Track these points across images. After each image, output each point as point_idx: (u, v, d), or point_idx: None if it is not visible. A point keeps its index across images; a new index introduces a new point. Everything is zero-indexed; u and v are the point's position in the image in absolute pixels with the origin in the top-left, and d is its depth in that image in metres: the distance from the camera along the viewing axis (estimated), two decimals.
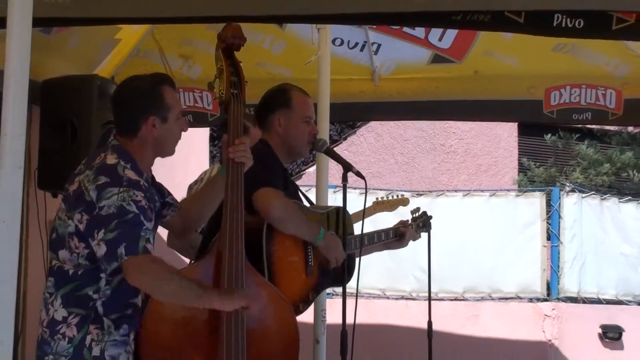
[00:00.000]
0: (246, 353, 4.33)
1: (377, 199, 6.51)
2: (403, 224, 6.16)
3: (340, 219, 5.51)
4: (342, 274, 5.43)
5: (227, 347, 4.28)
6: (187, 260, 5.29)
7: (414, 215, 6.28)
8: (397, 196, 6.43)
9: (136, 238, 3.97)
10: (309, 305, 5.25)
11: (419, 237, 6.31)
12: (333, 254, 5.24)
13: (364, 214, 5.40)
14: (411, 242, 6.22)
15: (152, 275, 4.03)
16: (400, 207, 6.72)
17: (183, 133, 4.50)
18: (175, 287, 4.04)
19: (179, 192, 4.70)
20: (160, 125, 4.28)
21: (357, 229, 5.67)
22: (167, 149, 4.41)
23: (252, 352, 4.39)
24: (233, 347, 4.28)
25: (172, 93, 4.42)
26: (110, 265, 3.96)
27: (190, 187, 5.95)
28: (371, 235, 5.90)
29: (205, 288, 4.15)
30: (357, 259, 5.64)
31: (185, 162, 4.90)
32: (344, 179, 5.19)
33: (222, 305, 4.15)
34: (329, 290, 6.38)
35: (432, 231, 6.33)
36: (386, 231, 6.08)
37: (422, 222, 6.29)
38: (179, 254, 6.02)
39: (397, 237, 6.10)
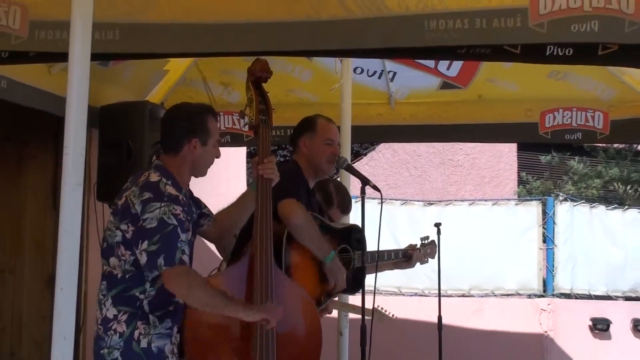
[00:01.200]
0: (275, 342, 4.36)
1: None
2: (412, 247, 6.17)
3: (355, 234, 5.54)
4: (352, 285, 5.46)
5: (259, 335, 4.32)
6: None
7: (423, 242, 6.27)
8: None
9: (174, 251, 4.01)
10: (320, 306, 5.24)
11: (426, 261, 6.31)
12: (334, 278, 5.22)
13: (380, 223, 5.38)
14: None
15: (185, 286, 4.06)
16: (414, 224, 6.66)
17: (225, 150, 4.54)
18: (205, 298, 4.09)
19: (222, 201, 4.71)
20: (200, 148, 4.31)
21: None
22: (201, 170, 4.42)
23: (280, 340, 4.42)
24: (264, 337, 4.32)
25: (214, 122, 4.43)
26: (152, 273, 4.01)
27: None
28: (382, 253, 5.91)
29: (231, 299, 4.17)
30: (371, 274, 5.64)
31: (227, 176, 4.92)
32: (362, 191, 5.20)
33: (245, 316, 4.19)
34: None
35: (441, 236, 6.33)
36: (396, 252, 6.10)
37: (429, 249, 6.29)
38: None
39: (405, 258, 6.12)
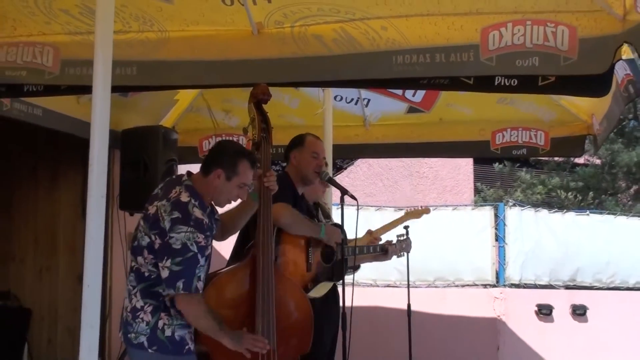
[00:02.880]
0: (276, 328, 4.39)
1: (407, 209, 6.48)
2: (388, 243, 6.16)
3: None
4: (334, 275, 5.46)
5: (261, 326, 4.35)
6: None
7: (399, 239, 6.26)
8: (414, 208, 6.42)
9: (192, 277, 3.96)
10: (307, 292, 5.23)
11: (402, 255, 6.30)
12: (334, 240, 5.29)
13: (356, 226, 5.38)
14: None
15: (193, 313, 4.04)
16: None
17: None
18: (205, 325, 4.09)
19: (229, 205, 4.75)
20: (222, 180, 4.18)
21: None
22: (218, 201, 4.28)
23: (280, 326, 4.44)
24: (265, 322, 4.36)
25: (247, 167, 4.24)
26: (168, 290, 3.97)
27: None
28: (362, 247, 5.91)
29: (223, 330, 4.13)
30: (352, 265, 5.64)
31: None
32: (342, 200, 5.21)
33: (229, 345, 4.14)
34: None
35: (410, 235, 6.33)
36: (374, 246, 6.09)
37: (405, 244, 6.28)
38: None
39: (383, 251, 6.11)
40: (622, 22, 3.81)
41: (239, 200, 4.38)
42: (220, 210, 4.49)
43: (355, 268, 5.61)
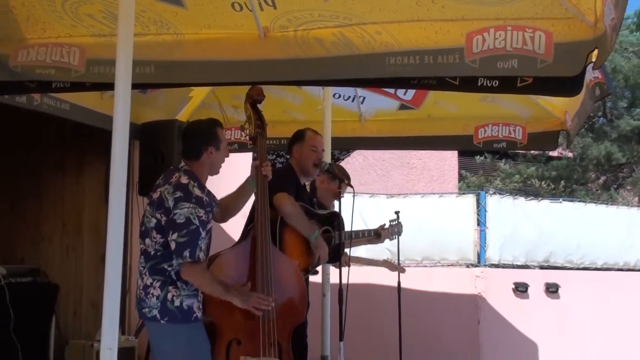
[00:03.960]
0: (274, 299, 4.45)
1: (386, 258, 6.50)
2: (381, 227, 6.17)
3: (335, 219, 5.55)
4: (333, 257, 5.48)
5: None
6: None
7: (392, 223, 6.27)
8: (394, 261, 6.51)
9: (195, 247, 4.06)
10: (307, 275, 5.26)
11: (394, 238, 6.32)
12: (318, 252, 5.27)
13: (352, 211, 5.38)
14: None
15: (199, 280, 4.13)
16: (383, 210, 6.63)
17: (233, 155, 4.58)
18: (211, 289, 4.16)
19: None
20: (215, 153, 4.34)
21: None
22: (216, 170, 4.44)
23: (278, 299, 4.51)
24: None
25: (222, 131, 4.46)
26: (177, 260, 4.05)
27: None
28: (357, 232, 5.93)
29: (229, 289, 4.20)
30: (347, 249, 5.65)
31: (237, 174, 4.95)
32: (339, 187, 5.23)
33: (239, 304, 4.22)
34: None
35: (401, 219, 6.33)
36: (368, 230, 6.12)
37: (396, 228, 6.29)
38: None
39: (376, 235, 6.12)
40: (593, 29, 3.80)
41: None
42: (222, 194, 4.55)
43: (314, 273, 5.57)
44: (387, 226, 6.22)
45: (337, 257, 5.43)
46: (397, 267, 6.31)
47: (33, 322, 6.61)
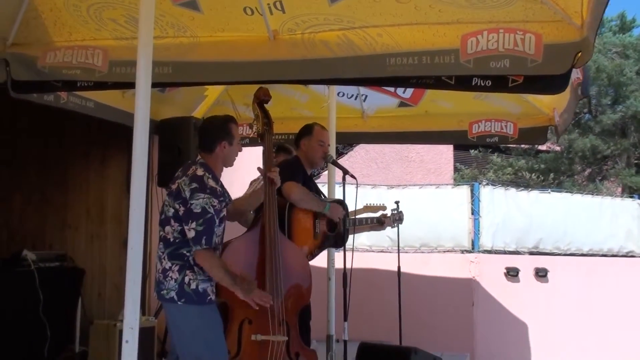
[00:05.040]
0: (283, 284, 4.49)
1: (367, 203, 6.45)
2: (384, 215, 6.16)
3: (340, 205, 5.55)
4: (337, 242, 5.48)
5: (269, 282, 4.43)
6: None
7: (393, 212, 6.27)
8: (380, 203, 6.39)
9: (211, 235, 4.09)
10: (313, 257, 5.28)
11: (395, 226, 6.31)
12: (336, 215, 5.30)
13: (356, 202, 5.39)
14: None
15: (209, 265, 4.11)
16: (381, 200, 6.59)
17: (245, 149, 4.59)
18: (219, 275, 4.14)
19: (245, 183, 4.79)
20: (228, 147, 4.34)
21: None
22: (230, 163, 4.44)
23: (286, 282, 4.55)
24: (274, 279, 4.45)
25: (236, 128, 4.45)
26: (195, 247, 4.06)
27: (251, 182, 6.01)
28: (361, 219, 5.93)
29: (236, 281, 4.18)
30: (350, 235, 5.64)
31: (249, 167, 4.97)
32: (343, 179, 5.23)
33: (241, 295, 4.19)
34: None
35: (400, 209, 6.32)
36: (372, 218, 6.11)
37: (398, 216, 6.28)
38: None
39: (379, 223, 6.11)
40: (580, 31, 3.80)
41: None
42: (234, 185, 4.56)
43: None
44: (389, 215, 6.21)
45: (341, 243, 5.44)
46: (378, 207, 6.28)
47: (60, 304, 6.63)
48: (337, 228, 5.46)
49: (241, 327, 4.39)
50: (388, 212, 6.26)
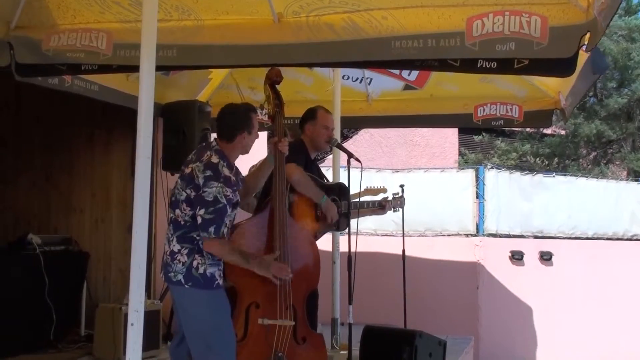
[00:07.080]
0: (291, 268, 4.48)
1: (367, 186, 6.43)
2: (385, 200, 6.15)
3: (341, 190, 5.55)
4: (340, 225, 5.49)
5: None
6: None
7: (395, 196, 6.25)
8: (380, 186, 6.37)
9: (220, 224, 4.08)
10: (316, 239, 5.26)
11: (397, 210, 6.30)
12: (329, 214, 5.31)
13: (360, 186, 5.40)
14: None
15: (220, 252, 4.15)
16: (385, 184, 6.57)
17: None
18: (233, 259, 4.20)
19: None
20: (247, 137, 4.34)
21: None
22: (247, 150, 4.41)
23: (294, 266, 4.53)
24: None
25: (255, 117, 4.42)
26: (202, 234, 4.07)
27: (250, 168, 6.00)
28: (362, 203, 5.93)
29: (249, 259, 4.24)
30: (353, 219, 5.63)
31: (255, 151, 4.98)
32: (348, 162, 5.21)
33: (259, 272, 4.26)
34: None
35: (404, 193, 6.30)
36: (373, 202, 6.10)
37: (399, 201, 6.27)
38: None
39: (380, 207, 6.10)
40: (586, 14, 3.78)
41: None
42: (245, 171, 4.54)
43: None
44: (390, 199, 6.20)
45: (345, 226, 5.45)
46: (378, 190, 6.27)
47: (66, 287, 6.65)
48: (338, 210, 5.47)
49: (248, 311, 4.39)
50: (389, 196, 6.24)
